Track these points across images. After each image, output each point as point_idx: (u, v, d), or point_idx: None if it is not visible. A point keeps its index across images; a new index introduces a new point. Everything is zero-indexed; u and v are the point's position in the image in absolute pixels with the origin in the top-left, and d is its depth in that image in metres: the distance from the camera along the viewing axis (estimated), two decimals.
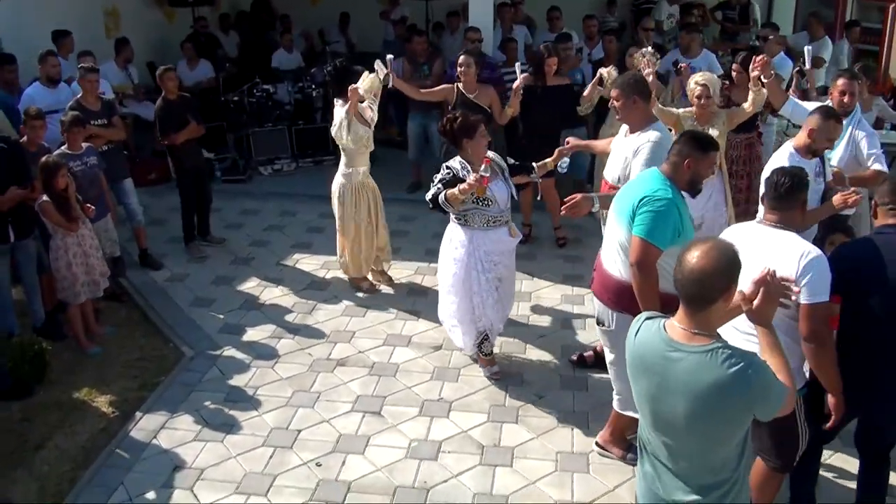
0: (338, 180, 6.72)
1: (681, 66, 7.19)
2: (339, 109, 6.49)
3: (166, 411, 5.28)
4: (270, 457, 4.83)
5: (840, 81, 5.67)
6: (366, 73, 6.71)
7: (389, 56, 7.04)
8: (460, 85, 7.31)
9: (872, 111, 7.56)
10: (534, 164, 5.61)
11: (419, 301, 6.71)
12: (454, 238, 5.41)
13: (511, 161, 5.58)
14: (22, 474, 4.74)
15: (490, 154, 5.35)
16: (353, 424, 5.13)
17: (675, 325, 2.75)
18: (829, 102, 5.74)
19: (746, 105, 6.05)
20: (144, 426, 5.14)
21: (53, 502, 4.52)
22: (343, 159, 6.67)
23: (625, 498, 4.44)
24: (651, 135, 5.02)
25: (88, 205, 5.99)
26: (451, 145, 5.51)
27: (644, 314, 2.99)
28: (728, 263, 2.66)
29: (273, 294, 6.93)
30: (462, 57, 7.29)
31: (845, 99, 5.59)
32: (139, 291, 6.99)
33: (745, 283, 2.80)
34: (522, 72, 7.19)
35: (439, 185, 5.23)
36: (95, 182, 6.48)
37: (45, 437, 5.06)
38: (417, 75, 8.92)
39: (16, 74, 7.91)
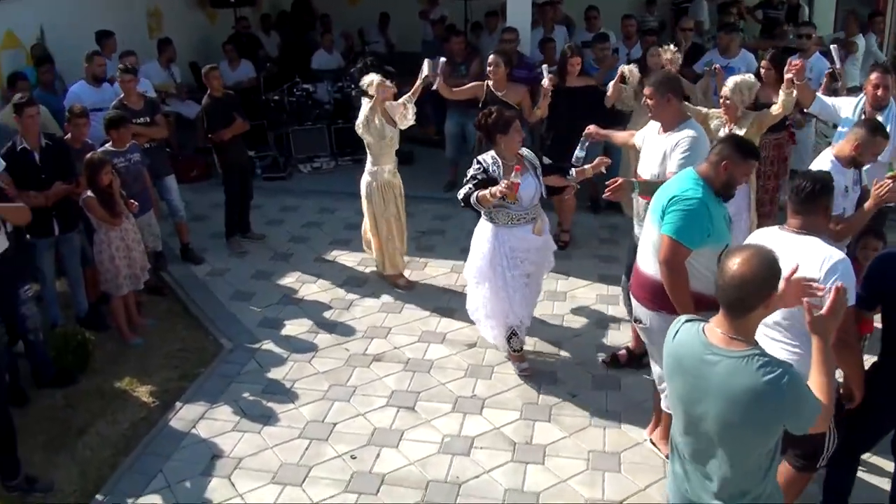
0: (364, 179, 6.78)
1: (715, 68, 7.11)
2: (365, 106, 6.56)
3: (205, 402, 5.38)
4: (306, 448, 4.91)
5: (874, 76, 5.61)
6: (425, 69, 6.83)
7: (442, 59, 7.12)
8: (490, 83, 7.33)
9: None
10: (572, 169, 5.57)
11: (454, 299, 6.74)
12: (482, 234, 5.44)
13: (547, 161, 5.58)
14: (64, 459, 4.87)
15: (523, 151, 5.36)
16: (388, 419, 5.19)
17: (715, 330, 2.75)
18: (862, 97, 5.68)
19: (775, 108, 5.90)
20: (184, 416, 5.24)
21: (94, 487, 4.63)
22: (369, 157, 6.73)
23: (655, 498, 4.44)
24: (689, 131, 4.98)
25: (132, 200, 6.11)
26: (486, 140, 5.52)
27: (684, 316, 3.00)
28: (768, 271, 2.66)
29: (311, 289, 7.01)
30: (491, 56, 7.31)
31: (879, 92, 5.52)
32: (180, 285, 7.12)
33: None
34: (549, 72, 7.20)
35: (471, 185, 5.25)
36: (139, 178, 6.61)
37: (88, 424, 5.19)
38: (455, 75, 8.95)
39: (52, 74, 8.15)
